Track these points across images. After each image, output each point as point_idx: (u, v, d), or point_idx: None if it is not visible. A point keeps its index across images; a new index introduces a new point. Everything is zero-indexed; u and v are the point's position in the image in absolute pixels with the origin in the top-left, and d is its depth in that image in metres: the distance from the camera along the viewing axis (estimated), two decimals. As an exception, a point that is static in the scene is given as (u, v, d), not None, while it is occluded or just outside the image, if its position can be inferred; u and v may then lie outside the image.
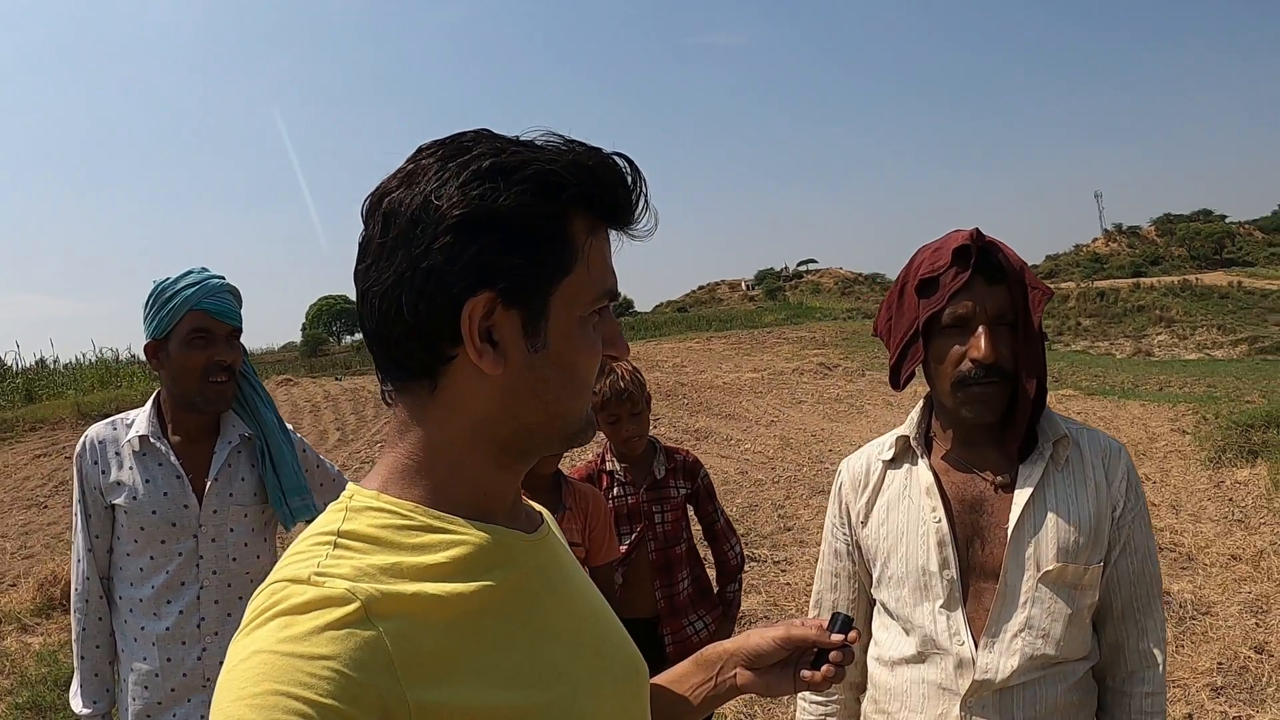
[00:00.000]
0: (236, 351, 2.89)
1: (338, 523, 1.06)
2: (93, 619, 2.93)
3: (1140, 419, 16.76)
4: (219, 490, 2.90)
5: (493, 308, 1.05)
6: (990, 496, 2.09)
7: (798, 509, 11.10)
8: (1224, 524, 9.29)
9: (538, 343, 1.08)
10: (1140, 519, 2.09)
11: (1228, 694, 5.67)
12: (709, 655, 1.50)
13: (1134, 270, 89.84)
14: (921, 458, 2.18)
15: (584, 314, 1.12)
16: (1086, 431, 2.13)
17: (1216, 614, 6.94)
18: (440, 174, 1.05)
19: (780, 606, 7.61)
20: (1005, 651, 2.02)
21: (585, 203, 1.09)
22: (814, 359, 28.84)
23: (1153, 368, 31.10)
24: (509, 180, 1.04)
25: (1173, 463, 12.60)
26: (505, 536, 1.13)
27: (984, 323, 1.99)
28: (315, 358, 58.74)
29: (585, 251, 1.10)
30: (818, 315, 57.00)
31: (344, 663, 0.91)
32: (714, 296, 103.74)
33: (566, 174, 1.06)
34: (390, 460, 1.13)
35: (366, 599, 0.95)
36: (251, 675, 0.89)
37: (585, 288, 1.11)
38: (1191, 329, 50.27)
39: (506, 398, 1.09)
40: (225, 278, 2.92)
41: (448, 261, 1.03)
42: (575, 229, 1.09)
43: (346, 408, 19.95)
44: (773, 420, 18.61)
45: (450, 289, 1.03)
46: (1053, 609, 2.01)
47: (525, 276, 1.06)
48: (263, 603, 0.97)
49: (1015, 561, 2.03)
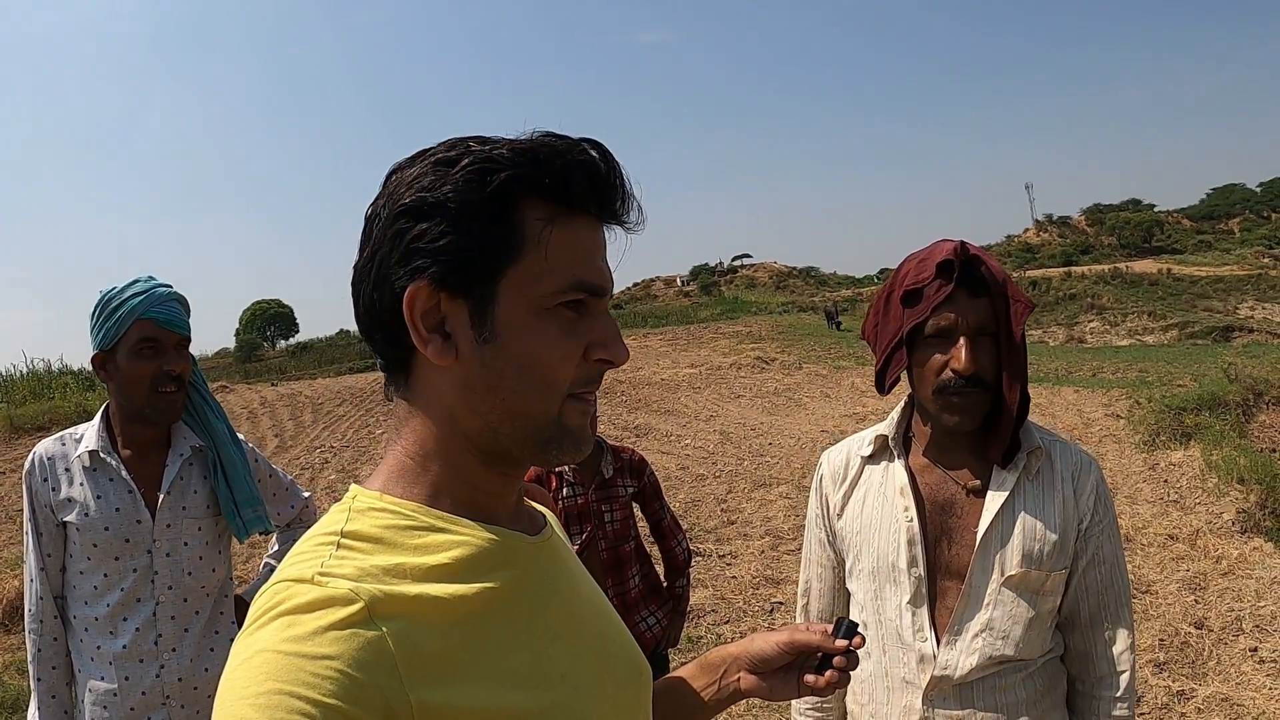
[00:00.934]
0: (185, 361, 2.82)
1: (341, 523, 1.06)
2: (48, 639, 2.84)
3: (1074, 405, 17.01)
4: (172, 504, 2.84)
5: (437, 296, 1.05)
6: (962, 500, 2.14)
7: (740, 503, 11.15)
8: (1160, 505, 9.45)
9: (484, 333, 1.06)
10: (1108, 531, 2.13)
11: (1170, 669, 5.78)
12: (712, 659, 1.49)
13: (1065, 259, 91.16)
14: (899, 457, 2.23)
15: (546, 305, 1.08)
16: (1059, 444, 2.18)
17: (1156, 592, 7.07)
18: (401, 174, 1.09)
19: (727, 600, 7.63)
20: (966, 650, 2.07)
21: (530, 187, 1.06)
22: (751, 353, 29.02)
23: (1085, 354, 31.55)
24: (451, 170, 1.05)
25: (1108, 447, 12.81)
26: (508, 538, 1.12)
27: (965, 334, 2.03)
28: (250, 363, 57.97)
29: (542, 239, 1.07)
30: (753, 310, 57.48)
31: (347, 663, 0.91)
32: (649, 293, 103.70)
33: (509, 158, 1.06)
34: (391, 458, 1.14)
35: (370, 599, 0.95)
36: (255, 675, 0.89)
37: (542, 277, 1.07)
38: (1123, 316, 51.16)
39: (464, 392, 1.08)
40: (172, 286, 2.86)
41: (391, 250, 1.05)
42: (525, 215, 1.07)
43: (284, 414, 19.76)
44: (712, 415, 18.68)
45: (394, 278, 1.06)
46: (1014, 612, 2.06)
47: (459, 261, 1.05)
48: (266, 602, 0.97)
49: (982, 565, 2.08)
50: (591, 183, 1.09)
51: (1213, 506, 9.10)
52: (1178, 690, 5.49)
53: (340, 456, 15.28)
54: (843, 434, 15.15)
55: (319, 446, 16.36)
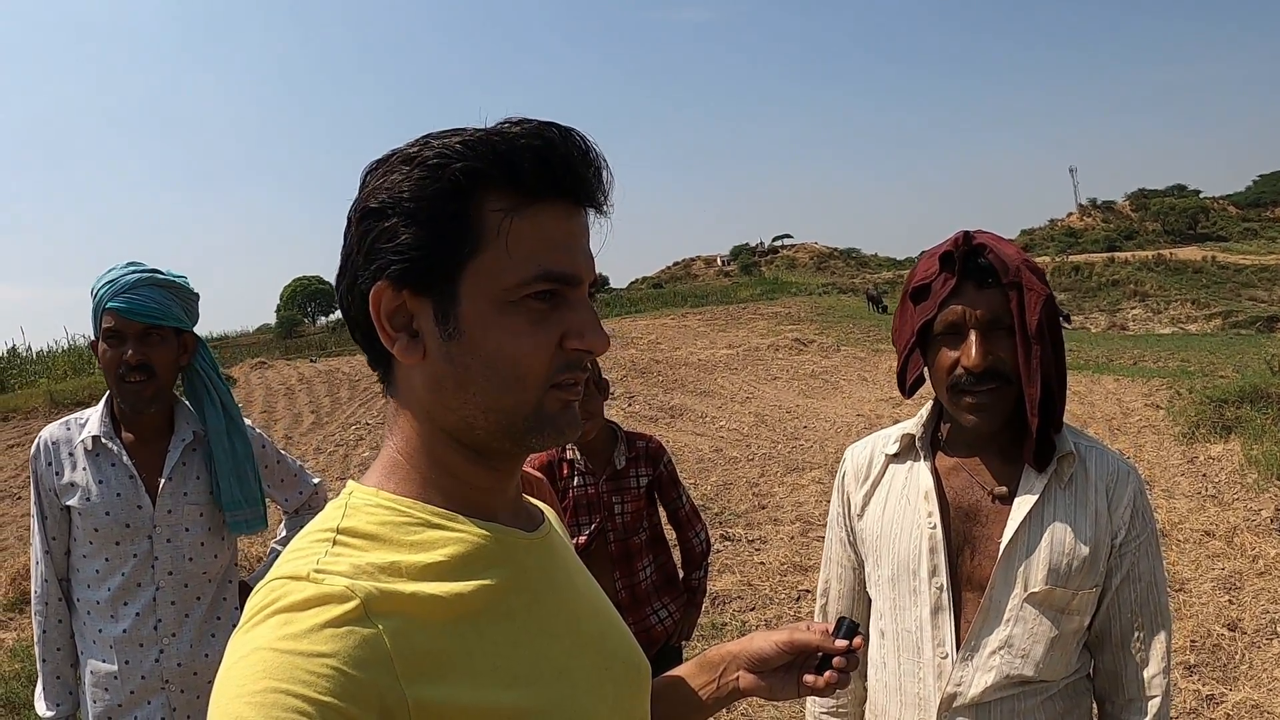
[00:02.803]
0: (155, 350, 2.80)
1: (337, 519, 1.06)
2: (53, 621, 2.89)
3: (1114, 394, 16.87)
4: (173, 490, 2.86)
5: (399, 295, 1.06)
6: (987, 507, 2.04)
7: (772, 487, 11.10)
8: (1197, 500, 9.32)
9: (449, 330, 1.06)
10: (1146, 547, 2.01)
11: (1201, 672, 5.67)
12: (712, 657, 1.49)
13: (1108, 245, 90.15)
14: (925, 459, 2.14)
15: (511, 299, 1.06)
16: (1096, 450, 2.06)
17: (1189, 591, 6.95)
18: (370, 174, 1.10)
19: (754, 586, 7.60)
20: (982, 667, 1.98)
21: (487, 179, 1.04)
22: (789, 334, 28.95)
23: (1127, 342, 31.29)
24: (409, 168, 1.05)
25: (1146, 438, 12.68)
26: (504, 535, 1.12)
27: (975, 328, 1.94)
28: (290, 339, 58.55)
29: (501, 231, 1.05)
30: (793, 290, 57.23)
31: (343, 660, 0.91)
32: (689, 272, 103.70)
33: (463, 153, 1.04)
34: (385, 456, 1.14)
35: (366, 596, 0.95)
36: (251, 673, 0.89)
37: (505, 270, 1.05)
38: (1165, 303, 50.64)
39: (436, 389, 1.08)
40: (159, 271, 2.85)
41: (356, 251, 1.08)
42: (482, 208, 1.05)
43: (321, 390, 19.91)
44: (748, 397, 18.66)
45: (359, 279, 1.07)
46: (1035, 630, 1.96)
47: (418, 259, 1.04)
48: (261, 600, 0.97)
49: (1004, 578, 1.98)
50: (550, 167, 1.05)
51: (1251, 503, 8.96)
52: (1207, 694, 5.39)
53: (375, 433, 15.41)
54: (879, 419, 15.24)
55: (354, 423, 16.49)
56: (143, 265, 2.84)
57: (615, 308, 54.59)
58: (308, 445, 14.97)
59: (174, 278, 2.86)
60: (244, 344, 56.14)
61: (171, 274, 2.87)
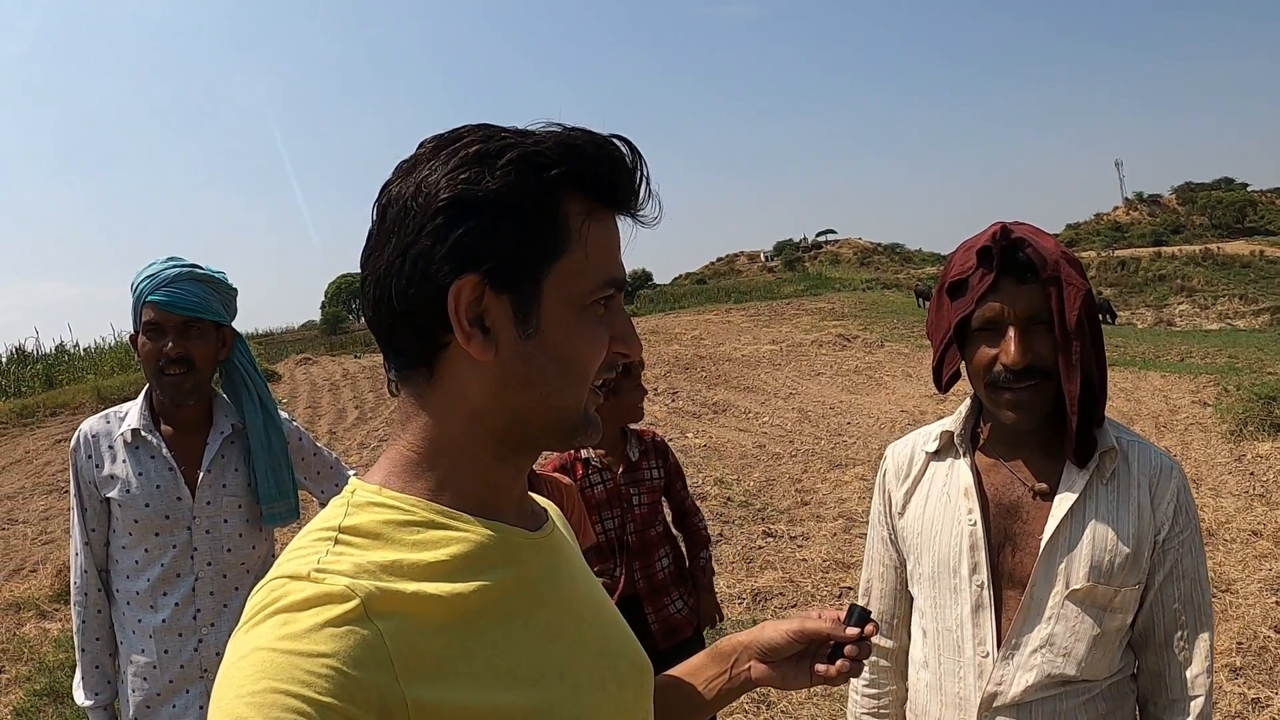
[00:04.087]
0: (195, 343, 2.84)
1: (339, 518, 1.06)
2: (92, 612, 2.94)
3: (1161, 390, 16.68)
4: (211, 482, 2.90)
5: (481, 291, 1.04)
6: (1028, 503, 2.02)
7: (815, 483, 11.05)
8: (1245, 499, 9.19)
9: (529, 329, 1.07)
10: (1190, 544, 1.98)
11: (1246, 674, 5.58)
12: (724, 648, 1.49)
13: (1155, 239, 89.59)
14: (964, 455, 2.12)
15: (585, 302, 1.09)
16: (1139, 445, 2.03)
17: (1236, 591, 6.85)
18: (431, 163, 1.06)
19: (796, 583, 7.58)
20: (1023, 666, 1.97)
21: (575, 182, 1.07)
22: (832, 330, 28.81)
23: (1174, 338, 30.89)
24: (494, 164, 1.04)
25: (1193, 435, 12.54)
26: (508, 534, 1.12)
27: (1014, 324, 1.92)
28: (335, 336, 59.00)
29: (581, 235, 1.08)
30: (836, 286, 57.06)
31: (343, 660, 0.90)
32: (733, 268, 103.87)
33: (552, 153, 1.05)
34: (393, 453, 1.13)
35: (366, 596, 0.95)
36: (251, 673, 0.89)
37: (583, 274, 1.08)
38: (1213, 298, 50.16)
39: (501, 386, 1.08)
40: (199, 266, 2.89)
41: (435, 245, 1.03)
42: (567, 210, 1.07)
43: (365, 385, 20.02)
44: (791, 393, 18.59)
45: (437, 273, 1.03)
46: (1078, 628, 1.94)
47: (512, 258, 1.05)
48: (262, 599, 0.97)
49: (1045, 575, 1.96)
50: (621, 178, 1.10)
51: (1300, 503, 8.82)
52: (1253, 698, 5.31)
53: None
54: (923, 415, 15.16)
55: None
56: (182, 260, 2.88)
57: (659, 304, 54.62)
58: (351, 440, 15.04)
59: (212, 273, 2.89)
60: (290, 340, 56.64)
61: (210, 269, 2.91)
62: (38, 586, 8.48)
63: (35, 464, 13.78)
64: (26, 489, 12.45)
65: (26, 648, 7.13)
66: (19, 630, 7.51)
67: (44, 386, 20.67)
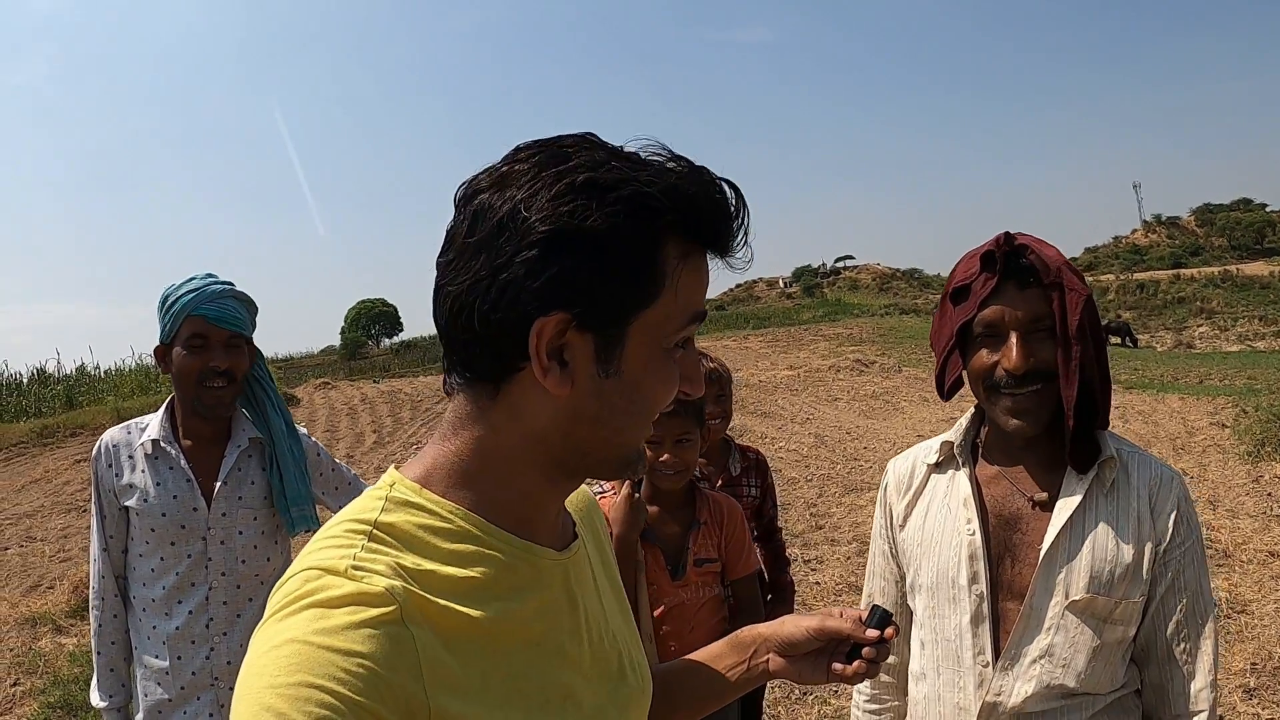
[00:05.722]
0: (236, 357, 2.92)
1: (376, 512, 1.05)
2: (108, 616, 3.02)
3: (1179, 412, 16.58)
4: (228, 493, 2.95)
5: (565, 328, 1.02)
6: (1028, 514, 2.02)
7: (830, 507, 11.02)
8: (1262, 520, 9.12)
9: (610, 369, 1.06)
10: (1192, 555, 1.96)
11: (1260, 695, 5.55)
12: (744, 638, 1.50)
13: (1174, 261, 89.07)
14: (964, 466, 2.13)
15: (668, 345, 1.09)
16: (1139, 456, 2.03)
17: (1252, 612, 6.80)
18: (533, 182, 1.02)
19: (808, 606, 7.54)
20: (1022, 676, 1.96)
21: (681, 229, 1.06)
22: (850, 355, 28.71)
23: (1193, 360, 30.65)
24: (603, 199, 1.01)
25: (1211, 457, 12.45)
26: (538, 555, 1.12)
27: (1015, 329, 1.93)
28: (354, 361, 59.14)
29: (675, 278, 1.06)
30: (855, 311, 56.98)
31: (376, 661, 0.91)
32: (751, 294, 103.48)
33: (664, 199, 1.03)
34: (438, 454, 1.12)
35: (404, 602, 0.96)
36: (284, 664, 0.89)
37: (670, 317, 1.08)
38: (1233, 320, 49.87)
39: (568, 419, 1.07)
40: (233, 284, 2.97)
41: (528, 276, 1.00)
42: (667, 254, 1.05)
43: (384, 410, 20.08)
44: (808, 418, 18.54)
45: (525, 304, 1.01)
46: (1077, 639, 1.93)
47: (605, 302, 1.03)
48: (295, 589, 0.97)
49: (1044, 585, 1.96)
50: (725, 225, 1.09)
51: (1318, 524, 8.75)
52: (1268, 718, 5.28)
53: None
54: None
55: (415, 443, 16.60)
56: (218, 277, 2.95)
57: (677, 329, 54.57)
58: (369, 464, 15.06)
59: (242, 292, 2.98)
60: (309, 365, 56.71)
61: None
62: (54, 602, 8.56)
63: (55, 483, 13.87)
64: (46, 508, 12.54)
65: (42, 661, 7.23)
66: (35, 644, 7.61)
67: (64, 407, 20.82)
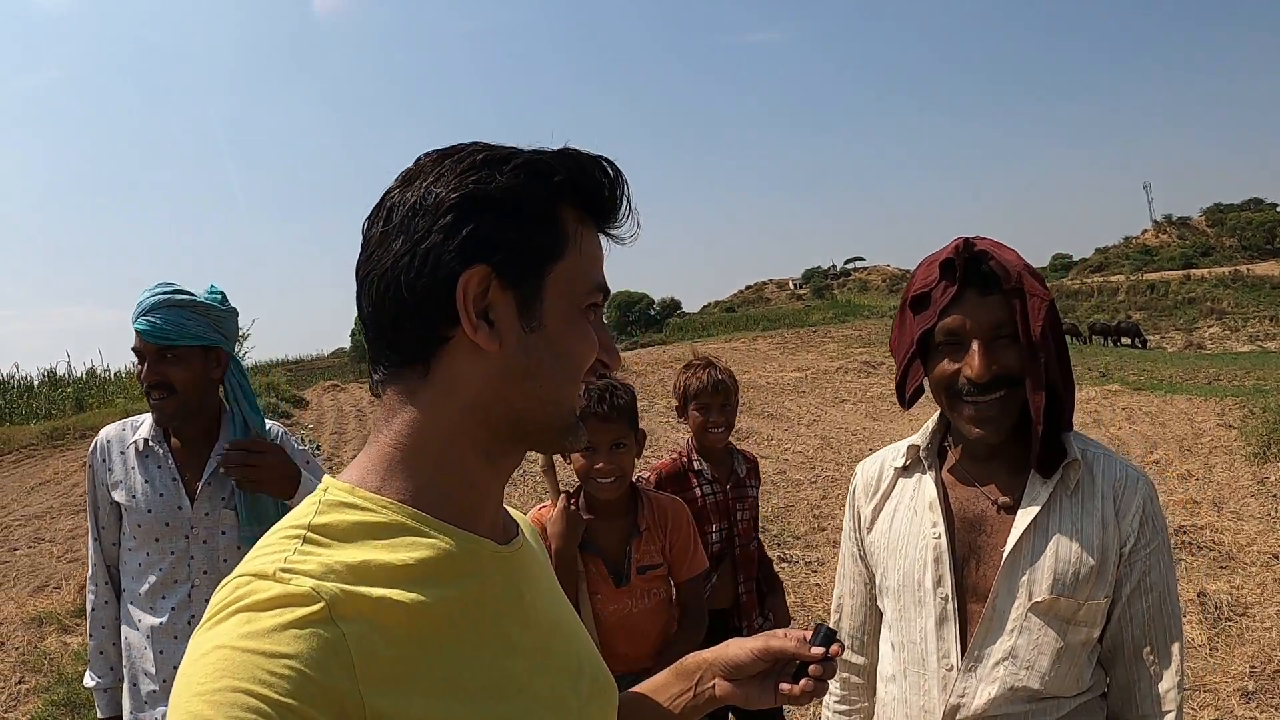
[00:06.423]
0: (171, 369, 2.87)
1: (309, 515, 1.06)
2: (99, 603, 3.10)
3: (1186, 414, 16.55)
4: (211, 493, 2.97)
5: (488, 284, 1.08)
6: (992, 516, 2.02)
7: (834, 509, 11.02)
8: (1266, 521, 9.12)
9: (532, 323, 1.11)
10: (1158, 556, 1.95)
11: (1259, 699, 5.53)
12: (688, 665, 1.48)
13: (1184, 262, 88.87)
14: (929, 470, 2.13)
15: (580, 305, 1.15)
16: (1105, 457, 2.02)
17: (1253, 615, 6.79)
18: (437, 170, 1.11)
19: (808, 607, 7.61)
20: (985, 679, 1.95)
21: (573, 190, 1.14)
22: (858, 357, 28.74)
23: (1203, 361, 30.66)
24: (502, 168, 1.10)
25: (1217, 458, 12.44)
26: (477, 545, 1.12)
27: (977, 337, 1.92)
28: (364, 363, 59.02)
29: (577, 240, 1.14)
30: (865, 313, 56.78)
31: (304, 662, 0.90)
32: (761, 296, 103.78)
33: (554, 162, 1.13)
34: (373, 450, 1.13)
35: (331, 599, 0.95)
36: (211, 670, 0.89)
37: (579, 276, 1.15)
38: (1243, 321, 49.78)
39: (501, 379, 1.11)
40: (185, 291, 2.91)
41: (446, 239, 1.07)
42: (566, 216, 1.14)
43: (389, 412, 20.02)
44: (814, 420, 18.55)
45: (448, 264, 1.07)
46: (1040, 641, 1.93)
47: (519, 253, 1.09)
48: (226, 597, 0.97)
49: (1006, 587, 1.95)
50: (612, 194, 1.17)
51: (1323, 525, 8.71)
52: (1264, 722, 5.25)
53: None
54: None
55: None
56: (170, 286, 2.91)
57: (687, 331, 54.56)
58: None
59: (197, 298, 2.91)
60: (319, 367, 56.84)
61: (201, 295, 2.93)
62: (60, 602, 8.58)
63: (64, 485, 13.85)
64: (55, 509, 12.52)
65: (47, 660, 7.26)
66: (40, 643, 7.64)
67: (74, 409, 20.76)
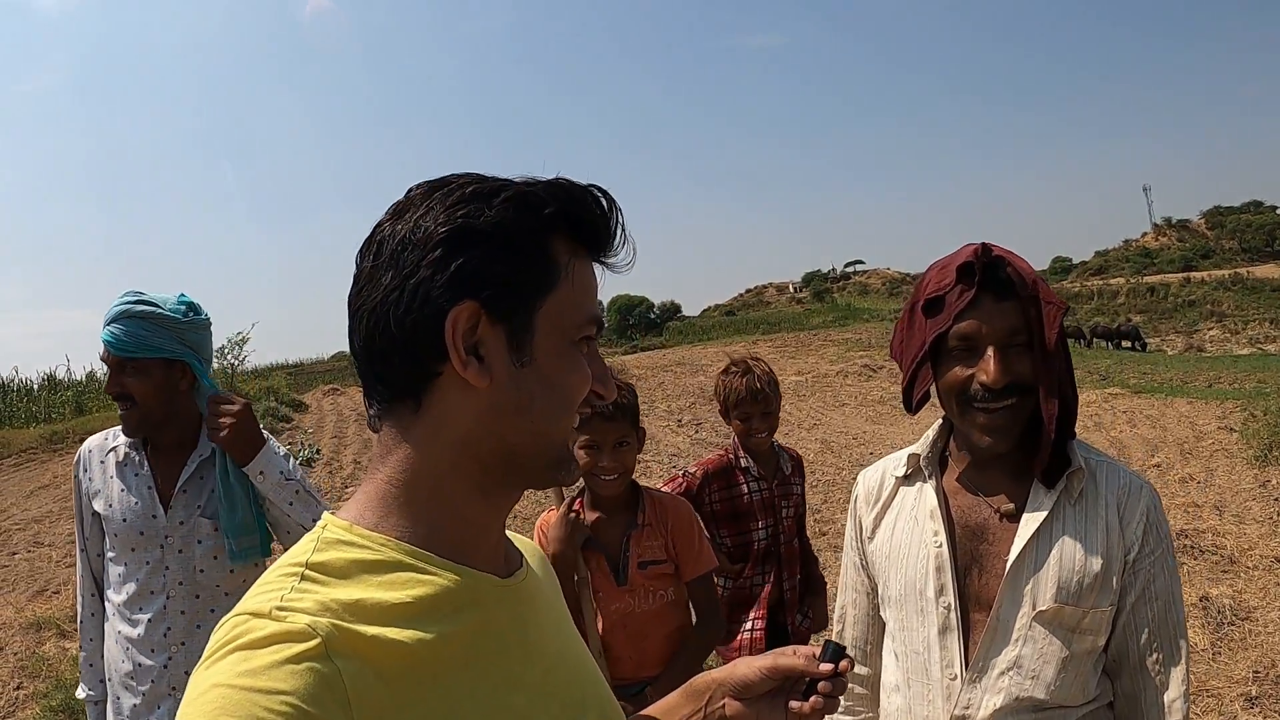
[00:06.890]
0: (130, 380, 2.83)
1: (308, 554, 1.05)
2: (87, 614, 3.10)
3: (1187, 417, 16.51)
4: (186, 502, 2.93)
5: (477, 319, 1.07)
6: (994, 525, 2.01)
7: (834, 513, 11.00)
8: (1268, 524, 9.07)
9: (523, 357, 1.10)
10: (1162, 564, 1.95)
11: (1263, 704, 5.51)
12: (698, 685, 1.47)
13: (1184, 264, 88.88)
14: (930, 479, 2.11)
15: (573, 338, 1.14)
16: (1107, 465, 2.01)
17: (1256, 619, 6.76)
18: (427, 203, 1.10)
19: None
20: (990, 689, 1.94)
21: (565, 222, 1.12)
22: (858, 360, 28.68)
23: (1203, 364, 30.56)
24: (491, 201, 1.09)
25: (1219, 461, 12.40)
26: (476, 580, 1.11)
27: (993, 343, 1.90)
28: (364, 365, 58.93)
29: (569, 272, 1.13)
30: (865, 316, 56.65)
31: (300, 697, 0.90)
32: (762, 299, 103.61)
33: (545, 194, 1.11)
34: (370, 488, 1.13)
35: (327, 635, 0.94)
36: (209, 709, 0.88)
37: (571, 309, 1.13)
38: (1244, 323, 49.72)
39: (491, 414, 1.10)
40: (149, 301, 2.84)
41: (435, 274, 1.06)
42: (557, 248, 1.12)
43: (390, 417, 19.98)
44: (814, 424, 18.52)
45: (436, 299, 1.06)
46: (1045, 650, 1.92)
47: (508, 287, 1.08)
48: (224, 636, 0.96)
49: (1011, 596, 1.94)
50: (605, 225, 1.16)
51: (1325, 529, 8.68)
52: (1268, 726, 5.23)
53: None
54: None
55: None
56: (135, 295, 2.86)
57: (687, 335, 54.48)
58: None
59: (159, 309, 2.84)
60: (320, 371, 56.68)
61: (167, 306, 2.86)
62: (59, 607, 8.56)
63: (63, 489, 13.79)
64: (54, 513, 12.50)
65: (45, 665, 7.26)
66: (39, 648, 7.63)
67: (74, 413, 20.72)
